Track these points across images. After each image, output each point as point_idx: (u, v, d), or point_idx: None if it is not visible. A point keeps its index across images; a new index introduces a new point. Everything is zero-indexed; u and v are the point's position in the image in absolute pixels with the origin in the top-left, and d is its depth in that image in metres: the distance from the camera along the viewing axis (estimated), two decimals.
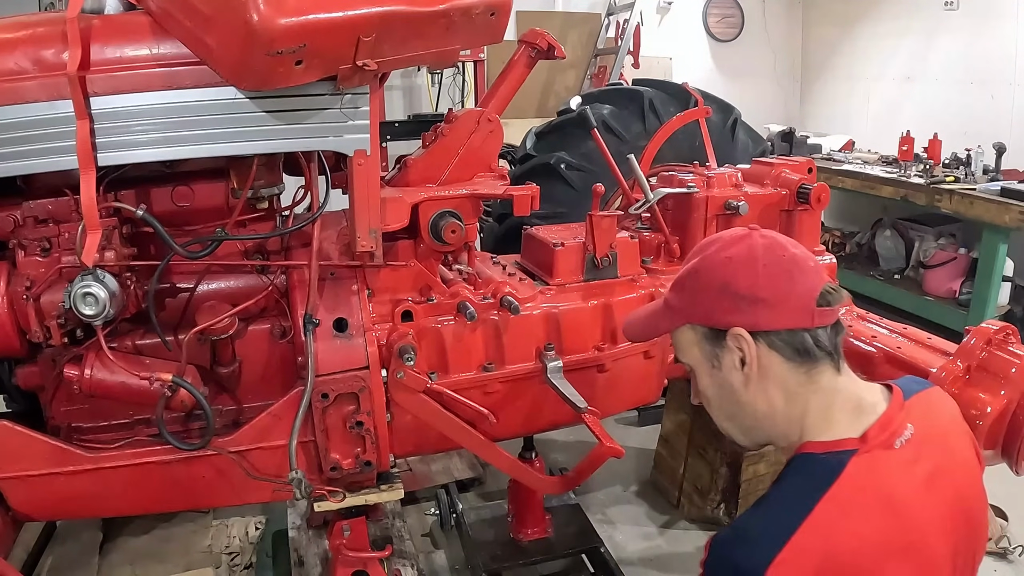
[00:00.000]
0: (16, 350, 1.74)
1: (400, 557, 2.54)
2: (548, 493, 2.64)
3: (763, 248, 1.17)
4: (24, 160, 1.60)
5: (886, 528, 1.03)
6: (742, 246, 1.19)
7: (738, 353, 1.18)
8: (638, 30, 6.23)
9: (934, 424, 1.20)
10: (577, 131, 3.32)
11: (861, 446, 1.10)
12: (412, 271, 2.04)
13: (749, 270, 1.16)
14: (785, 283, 1.15)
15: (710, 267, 1.21)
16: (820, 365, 1.17)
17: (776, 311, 1.14)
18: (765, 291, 1.15)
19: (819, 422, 1.16)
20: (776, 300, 1.14)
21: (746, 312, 1.16)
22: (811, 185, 2.49)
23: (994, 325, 1.97)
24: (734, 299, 1.16)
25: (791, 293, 1.15)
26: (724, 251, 1.20)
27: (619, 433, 3.66)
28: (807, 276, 1.16)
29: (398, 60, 1.72)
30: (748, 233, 1.21)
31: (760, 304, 1.15)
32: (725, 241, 1.22)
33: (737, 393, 1.21)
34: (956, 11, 5.68)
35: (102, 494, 1.86)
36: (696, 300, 1.23)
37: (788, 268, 1.16)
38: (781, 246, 1.18)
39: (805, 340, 1.15)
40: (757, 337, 1.16)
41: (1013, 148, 4.80)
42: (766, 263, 1.16)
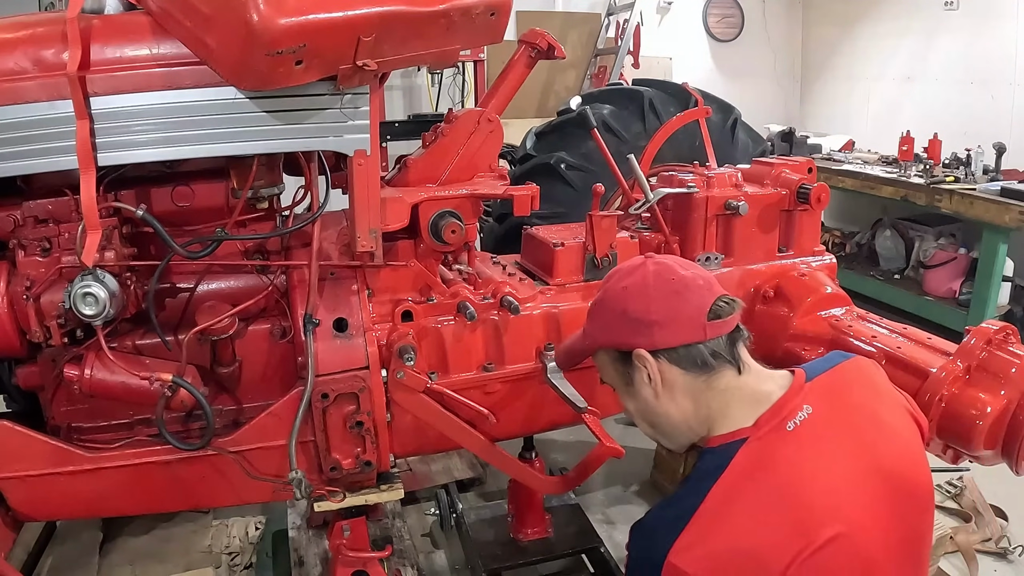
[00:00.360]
0: (16, 350, 1.74)
1: (400, 557, 2.54)
2: (548, 493, 2.64)
3: (653, 275, 1.30)
4: (24, 160, 1.60)
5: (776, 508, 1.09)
6: (636, 275, 1.32)
7: (644, 371, 1.29)
8: (638, 30, 6.23)
9: (844, 398, 1.27)
10: (577, 131, 3.32)
11: (753, 433, 1.19)
12: (412, 271, 2.04)
13: (641, 296, 1.29)
14: (674, 304, 1.27)
15: (610, 297, 1.35)
16: (719, 371, 1.27)
17: (669, 330, 1.27)
18: (656, 314, 1.27)
19: (719, 419, 1.26)
20: (668, 320, 1.27)
21: (644, 334, 1.28)
22: (811, 185, 2.49)
23: (994, 325, 1.97)
24: (632, 324, 1.29)
25: (681, 312, 1.26)
26: (621, 281, 1.34)
27: (619, 433, 3.65)
28: (696, 294, 1.27)
29: (398, 60, 1.72)
30: (643, 263, 1.33)
31: (654, 326, 1.27)
32: (623, 272, 1.36)
33: (651, 405, 1.33)
34: (956, 11, 5.69)
35: (102, 494, 1.86)
36: (602, 327, 1.38)
37: (677, 290, 1.28)
38: (670, 270, 1.30)
39: (701, 352, 1.26)
40: (657, 355, 1.28)
41: (1013, 148, 4.81)
42: (656, 288, 1.28)
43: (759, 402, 1.24)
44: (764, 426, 1.20)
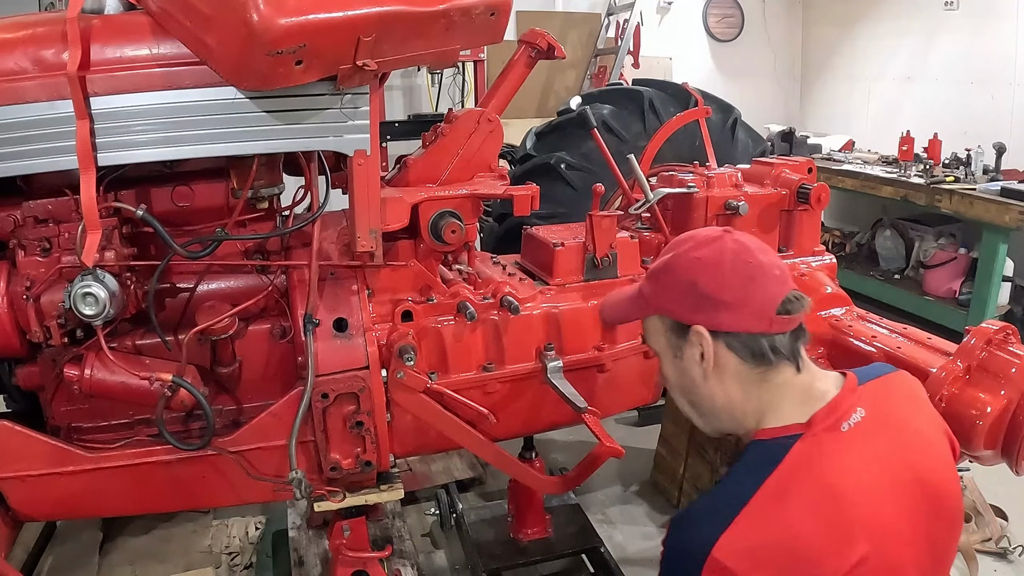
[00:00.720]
0: (16, 350, 1.74)
1: (400, 557, 2.54)
2: (548, 493, 2.64)
3: (731, 252, 1.22)
4: (24, 160, 1.60)
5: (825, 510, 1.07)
6: (712, 248, 1.24)
7: (698, 349, 1.24)
8: (638, 30, 6.23)
9: (892, 407, 1.24)
10: (577, 131, 3.32)
11: (807, 430, 1.15)
12: (412, 271, 2.04)
13: (715, 272, 1.21)
14: (747, 288, 1.20)
15: (680, 264, 1.26)
16: (777, 367, 1.22)
17: (736, 314, 1.20)
18: (727, 294, 1.20)
19: (770, 413, 1.22)
20: (737, 303, 1.20)
21: (708, 312, 1.22)
22: (811, 185, 2.49)
23: (994, 325, 1.98)
24: (698, 298, 1.22)
25: (752, 298, 1.20)
26: (695, 251, 1.25)
27: (619, 433, 3.66)
28: (770, 283, 1.21)
29: (398, 60, 1.72)
30: (721, 235, 1.25)
31: (721, 306, 1.20)
32: (698, 241, 1.27)
33: (696, 384, 1.28)
34: (956, 11, 5.69)
35: (102, 494, 1.86)
36: (664, 294, 1.29)
37: (752, 274, 1.21)
38: (749, 251, 1.23)
39: (762, 344, 1.21)
40: (717, 336, 1.22)
41: (1013, 148, 4.81)
42: (732, 267, 1.21)
43: (813, 399, 1.20)
44: (818, 424, 1.16)
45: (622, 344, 2.21)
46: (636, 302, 1.37)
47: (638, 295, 1.36)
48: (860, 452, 1.14)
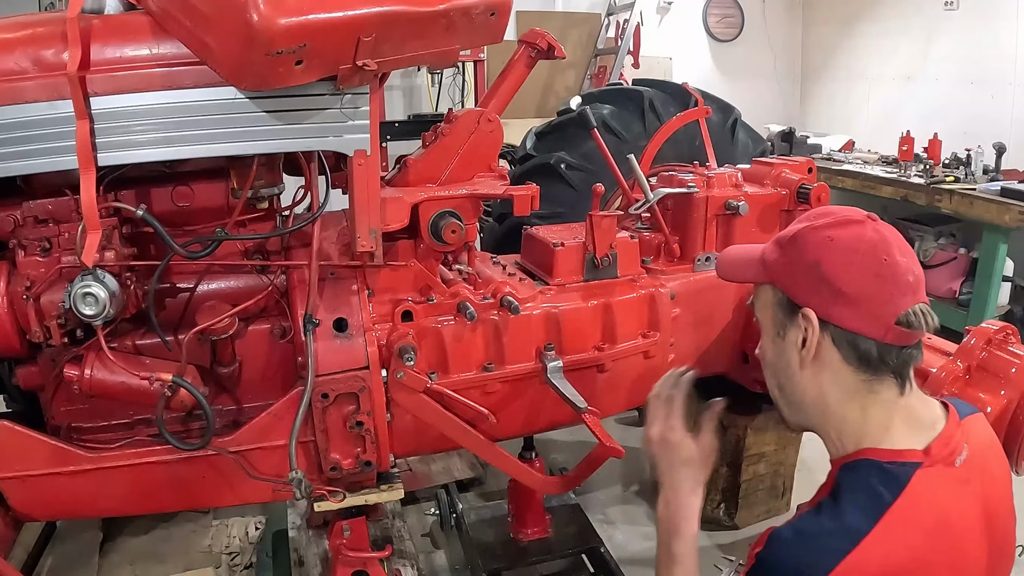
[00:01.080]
0: (16, 350, 1.74)
1: (400, 557, 2.54)
2: (548, 493, 2.64)
3: (868, 242, 1.12)
4: (24, 160, 1.60)
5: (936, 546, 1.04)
6: (850, 231, 1.14)
7: (803, 333, 1.16)
8: (638, 30, 6.23)
9: (981, 447, 1.19)
10: (577, 131, 3.32)
11: (925, 459, 1.09)
12: (412, 271, 2.04)
13: (844, 258, 1.12)
14: (873, 286, 1.11)
15: (810, 240, 1.17)
16: (882, 379, 1.14)
17: (853, 310, 1.11)
18: (850, 286, 1.11)
19: (880, 431, 1.14)
20: (857, 299, 1.11)
21: (824, 297, 1.13)
22: (811, 185, 2.49)
23: (994, 325, 1.98)
24: (818, 280, 1.13)
25: (875, 299, 1.11)
26: (830, 229, 1.15)
27: (619, 433, 3.65)
28: (899, 288, 1.11)
29: (398, 60, 1.72)
30: (863, 220, 1.15)
31: (840, 296, 1.11)
32: (837, 219, 1.17)
33: (791, 369, 1.20)
34: (956, 11, 5.69)
35: (102, 494, 1.86)
36: (785, 265, 1.20)
37: (883, 273, 1.11)
38: (888, 247, 1.13)
39: (870, 351, 1.12)
40: (825, 326, 1.14)
41: (1013, 148, 4.81)
42: (864, 258, 1.11)
43: (925, 427, 1.14)
44: (935, 455, 1.10)
45: (622, 344, 2.21)
46: (754, 265, 1.28)
47: (759, 258, 1.27)
48: (965, 490, 1.11)
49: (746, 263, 1.32)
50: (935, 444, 1.11)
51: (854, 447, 1.15)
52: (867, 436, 1.14)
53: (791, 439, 3.02)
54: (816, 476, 3.38)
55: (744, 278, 1.35)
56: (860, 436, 1.15)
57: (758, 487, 3.02)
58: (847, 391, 1.16)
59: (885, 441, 1.13)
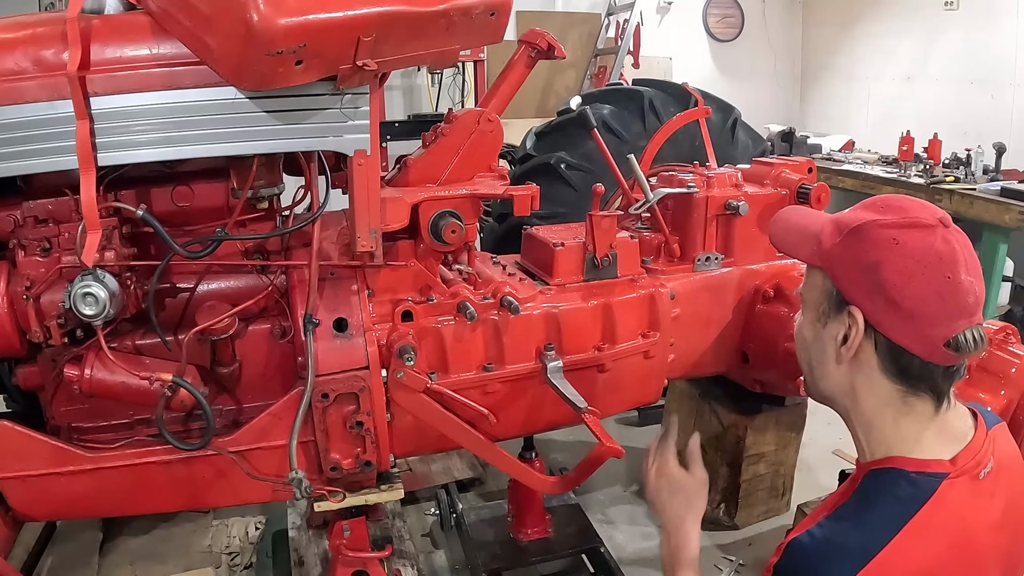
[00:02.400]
0: (16, 350, 1.74)
1: (400, 557, 2.54)
2: (548, 493, 2.64)
3: (936, 255, 1.04)
4: (24, 160, 1.60)
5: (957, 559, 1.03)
6: (920, 237, 1.06)
7: (845, 330, 1.11)
8: (638, 30, 6.23)
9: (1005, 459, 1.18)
10: (577, 131, 3.32)
11: (952, 470, 1.07)
12: (412, 271, 2.04)
13: (907, 267, 1.05)
14: (931, 304, 1.04)
15: (875, 237, 1.08)
16: (918, 396, 1.11)
17: (903, 324, 1.06)
18: (908, 299, 1.04)
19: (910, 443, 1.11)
20: (911, 315, 1.05)
21: (876, 303, 1.07)
22: (811, 185, 2.49)
23: (994, 325, 1.98)
24: (874, 285, 1.06)
25: (928, 316, 1.04)
26: (897, 230, 1.07)
27: (619, 433, 3.66)
28: (956, 311, 1.05)
29: (398, 60, 1.72)
30: (935, 226, 1.07)
31: (893, 307, 1.05)
32: (908, 219, 1.07)
33: (826, 359, 1.16)
34: (956, 11, 5.69)
35: (102, 494, 1.86)
36: (842, 256, 1.12)
37: (943, 291, 1.04)
38: (955, 264, 1.05)
39: (912, 366, 1.08)
40: (870, 331, 1.09)
41: (1013, 148, 4.81)
42: (928, 272, 1.04)
43: (954, 437, 1.12)
44: (961, 466, 1.08)
45: (622, 344, 2.21)
46: (810, 243, 1.18)
47: (816, 238, 1.17)
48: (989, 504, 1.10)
49: (803, 237, 1.21)
50: (962, 455, 1.09)
51: (883, 454, 1.13)
52: (896, 446, 1.12)
53: (791, 439, 3.02)
54: (816, 476, 3.40)
55: (796, 254, 1.24)
56: (889, 445, 1.12)
57: (758, 487, 3.02)
58: (881, 399, 1.12)
59: (915, 451, 1.10)
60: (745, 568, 2.82)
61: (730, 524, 3.03)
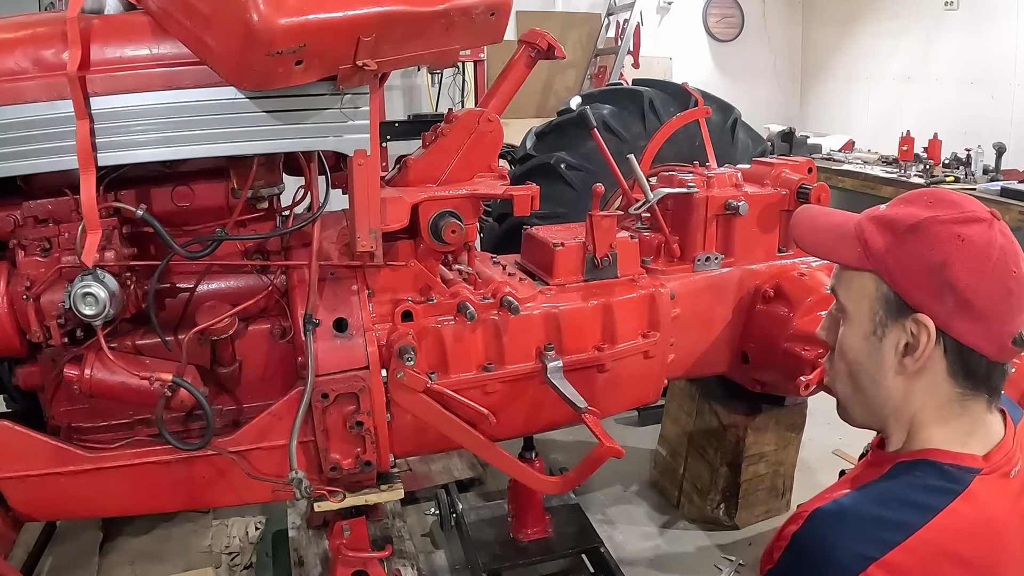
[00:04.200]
0: (16, 350, 1.74)
1: (400, 557, 2.54)
2: (548, 493, 2.64)
3: (1000, 249, 1.00)
4: (24, 160, 1.60)
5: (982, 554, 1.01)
6: (982, 233, 1.00)
7: (909, 339, 1.04)
8: (638, 30, 6.23)
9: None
10: (577, 131, 3.32)
11: (985, 466, 1.05)
12: (412, 271, 2.04)
13: (976, 265, 0.99)
14: (1002, 301, 1.01)
15: (937, 235, 1.01)
16: (977, 396, 1.07)
17: (976, 325, 1.01)
18: (980, 299, 0.99)
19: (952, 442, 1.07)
20: (983, 314, 1.00)
21: (947, 306, 1.00)
22: (811, 185, 2.49)
23: None
24: (944, 286, 1.00)
25: (999, 316, 1.01)
26: (961, 226, 1.01)
27: (619, 433, 3.66)
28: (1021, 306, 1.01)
29: (398, 60, 1.72)
30: (991, 220, 1.02)
31: (965, 308, 1.00)
32: (965, 213, 1.02)
33: (883, 374, 1.08)
34: (956, 11, 5.69)
35: (102, 494, 1.86)
36: (903, 260, 1.03)
37: (1012, 287, 1.01)
38: (1016, 257, 1.02)
39: (980, 367, 1.03)
40: (939, 337, 1.02)
41: (1013, 148, 4.81)
42: (995, 268, 1.00)
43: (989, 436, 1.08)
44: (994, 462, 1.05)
45: (622, 344, 2.21)
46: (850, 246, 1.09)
47: (858, 239, 1.08)
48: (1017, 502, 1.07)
49: (838, 239, 1.11)
50: (995, 452, 1.06)
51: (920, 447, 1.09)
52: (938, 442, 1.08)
53: (791, 439, 3.02)
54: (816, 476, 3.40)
55: (837, 258, 1.13)
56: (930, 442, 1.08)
57: (758, 487, 3.02)
58: (938, 403, 1.07)
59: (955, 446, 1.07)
60: (745, 568, 2.82)
61: (730, 524, 3.03)
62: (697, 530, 3.05)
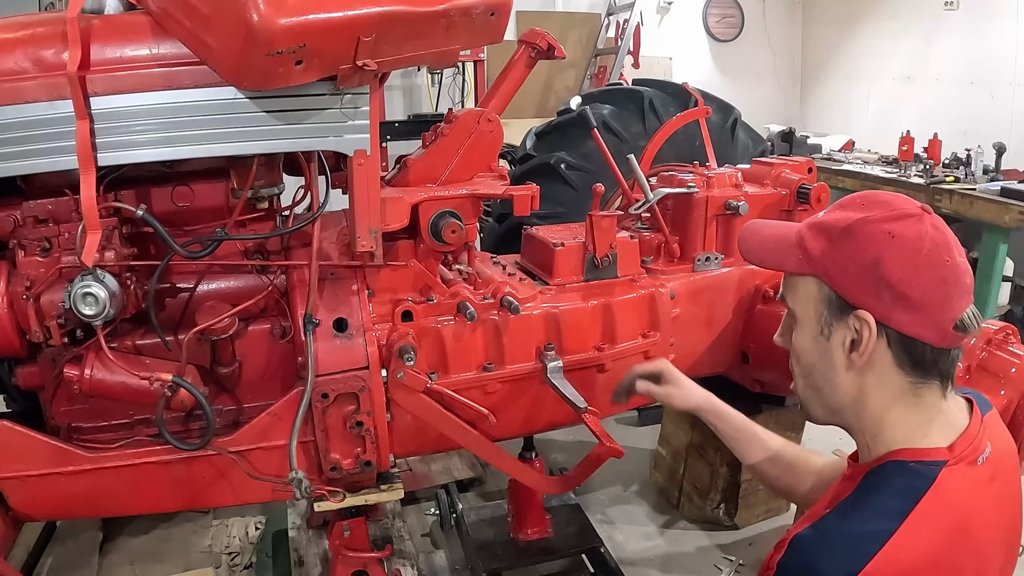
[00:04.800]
0: (16, 350, 1.74)
1: (400, 557, 2.54)
2: (548, 493, 2.64)
3: (931, 241, 1.05)
4: (24, 160, 1.60)
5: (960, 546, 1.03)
6: (911, 228, 1.05)
7: (853, 335, 1.09)
8: (638, 30, 6.23)
9: (1002, 443, 1.18)
10: (577, 131, 3.32)
11: (950, 457, 1.07)
12: (412, 271, 2.04)
13: (908, 260, 1.05)
14: (937, 290, 1.05)
15: (869, 234, 1.07)
16: (929, 384, 1.11)
17: (914, 316, 1.05)
18: (915, 291, 1.04)
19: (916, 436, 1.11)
20: (920, 305, 1.05)
21: (885, 300, 1.06)
22: (811, 185, 2.49)
23: (994, 325, 1.98)
24: (879, 283, 1.05)
25: (937, 304, 1.05)
26: (890, 224, 1.06)
27: (619, 433, 3.66)
28: (958, 292, 1.06)
29: (398, 60, 1.72)
30: (920, 214, 1.07)
31: (902, 301, 1.05)
32: (895, 211, 1.07)
33: (835, 371, 1.13)
34: (956, 11, 5.69)
35: (102, 494, 1.86)
36: (839, 262, 1.10)
37: (946, 276, 1.05)
38: (949, 247, 1.06)
39: (925, 355, 1.08)
40: (881, 330, 1.07)
41: (1013, 148, 4.81)
42: (928, 259, 1.04)
43: (953, 427, 1.12)
44: (959, 452, 1.08)
45: (622, 344, 2.21)
46: (792, 253, 1.16)
47: (799, 247, 1.15)
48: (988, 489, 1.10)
49: (778, 248, 1.19)
50: (959, 442, 1.09)
51: (885, 450, 1.12)
52: (900, 439, 1.11)
53: (791, 439, 3.00)
54: None
55: (779, 265, 1.20)
56: (893, 440, 1.12)
57: (758, 487, 3.02)
58: (892, 394, 1.11)
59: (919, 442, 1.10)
60: (745, 568, 2.82)
61: (730, 524, 3.03)
62: (697, 530, 3.05)
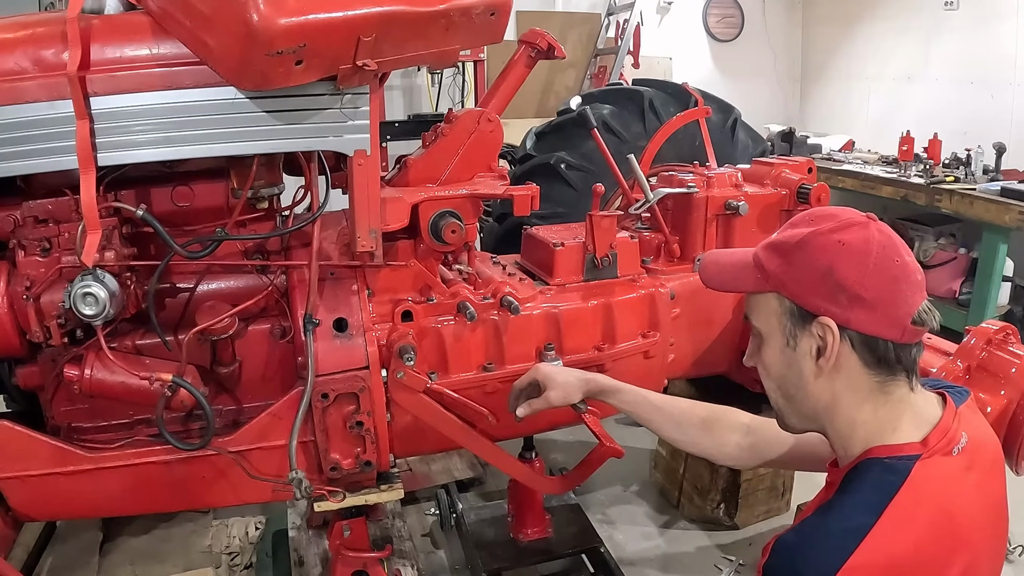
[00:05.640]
0: (16, 350, 1.74)
1: (400, 557, 2.54)
2: (548, 493, 2.64)
3: (879, 244, 1.11)
4: (24, 160, 1.60)
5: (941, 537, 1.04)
6: (857, 235, 1.12)
7: (818, 342, 1.14)
8: (638, 30, 6.23)
9: (979, 432, 1.20)
10: (577, 131, 3.32)
11: (923, 451, 1.10)
12: (412, 271, 2.04)
13: (859, 263, 1.11)
14: (890, 289, 1.11)
15: (820, 245, 1.14)
16: (896, 380, 1.15)
17: (872, 314, 1.11)
18: (869, 291, 1.10)
19: (888, 431, 1.14)
20: (875, 304, 1.10)
21: (842, 305, 1.11)
22: (811, 185, 2.49)
23: (994, 325, 1.98)
24: (835, 288, 1.11)
25: (892, 301, 1.11)
26: (839, 233, 1.13)
27: (619, 433, 3.65)
28: (910, 289, 1.12)
29: (398, 60, 1.72)
30: (866, 222, 1.14)
31: (858, 302, 1.10)
32: (841, 221, 1.14)
33: (805, 379, 1.18)
34: (956, 11, 5.68)
35: (102, 494, 1.86)
36: (795, 274, 1.16)
37: (896, 275, 1.11)
38: (896, 248, 1.13)
39: (889, 352, 1.12)
40: (843, 333, 1.12)
41: (1013, 148, 4.80)
42: (877, 261, 1.10)
43: (924, 418, 1.15)
44: (933, 445, 1.11)
45: (622, 344, 2.21)
46: (751, 273, 1.24)
47: (756, 267, 1.23)
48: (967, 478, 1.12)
49: (737, 271, 1.28)
50: (932, 435, 1.12)
51: (860, 450, 1.15)
52: (874, 437, 1.15)
53: None
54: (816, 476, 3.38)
55: (740, 287, 1.28)
56: (867, 438, 1.15)
57: (758, 487, 3.02)
58: (861, 393, 1.15)
59: (891, 438, 1.13)
60: (745, 568, 2.82)
61: (730, 524, 3.03)
62: (697, 530, 3.05)
